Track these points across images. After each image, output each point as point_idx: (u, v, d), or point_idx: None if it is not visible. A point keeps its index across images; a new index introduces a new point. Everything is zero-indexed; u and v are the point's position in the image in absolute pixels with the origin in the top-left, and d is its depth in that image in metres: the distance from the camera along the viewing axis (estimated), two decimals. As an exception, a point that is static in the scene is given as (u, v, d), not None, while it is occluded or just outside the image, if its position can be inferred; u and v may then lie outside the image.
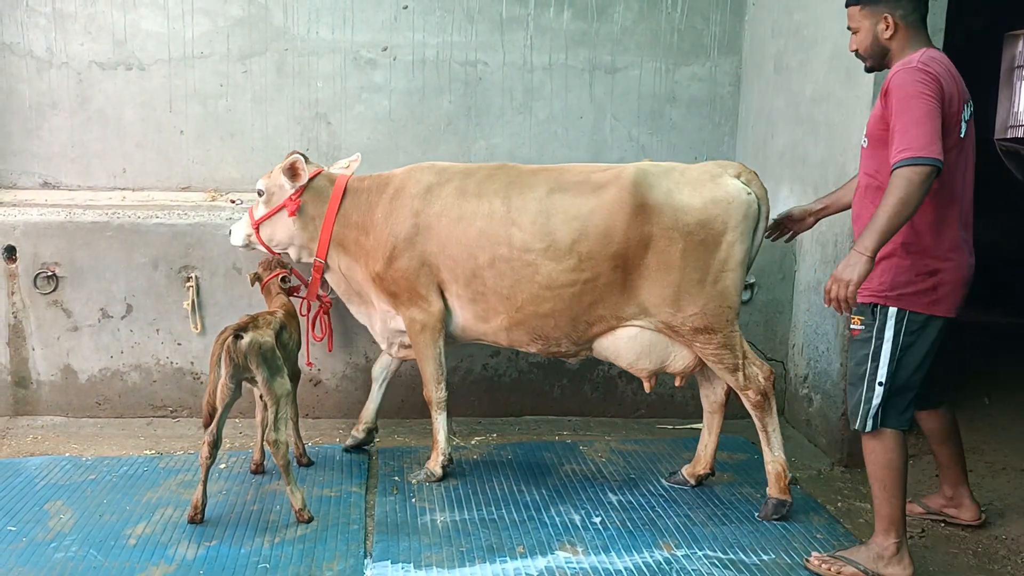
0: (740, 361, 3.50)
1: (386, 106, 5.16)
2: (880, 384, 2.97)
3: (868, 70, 3.17)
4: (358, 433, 4.10)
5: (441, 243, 3.63)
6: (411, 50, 5.12)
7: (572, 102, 5.21)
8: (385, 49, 5.12)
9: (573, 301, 3.52)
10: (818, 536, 3.36)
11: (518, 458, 4.10)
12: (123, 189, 5.03)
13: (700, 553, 3.21)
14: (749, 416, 4.67)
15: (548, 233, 3.49)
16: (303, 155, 3.83)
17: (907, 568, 3.00)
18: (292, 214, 3.80)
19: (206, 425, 3.33)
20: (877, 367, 2.97)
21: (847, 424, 4.05)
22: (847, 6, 3.09)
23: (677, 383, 3.76)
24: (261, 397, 3.53)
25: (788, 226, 3.61)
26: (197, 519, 3.34)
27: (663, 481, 3.85)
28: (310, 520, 3.38)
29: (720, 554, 3.21)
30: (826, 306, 2.88)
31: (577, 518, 3.48)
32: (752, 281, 4.59)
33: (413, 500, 3.62)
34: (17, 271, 4.35)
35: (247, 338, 3.28)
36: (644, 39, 5.19)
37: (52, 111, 5.00)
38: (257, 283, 3.91)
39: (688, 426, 4.61)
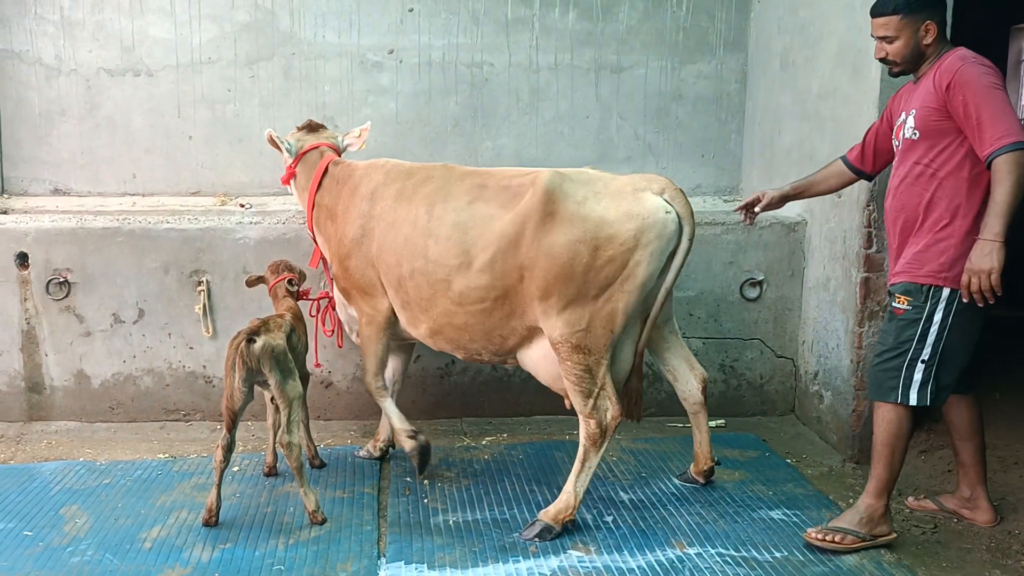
0: (596, 390, 3.31)
1: (392, 108, 5.18)
2: (923, 362, 3.11)
3: (896, 74, 3.23)
4: (374, 451, 4.07)
5: (379, 247, 3.62)
6: (417, 52, 5.13)
7: (578, 102, 5.22)
8: (391, 52, 5.13)
9: (484, 316, 3.42)
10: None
11: (529, 458, 4.11)
12: (133, 195, 5.07)
13: (713, 551, 3.22)
14: (760, 414, 4.74)
15: (463, 249, 3.39)
16: (316, 123, 4.14)
17: (891, 527, 3.26)
18: (285, 182, 4.07)
19: (228, 429, 3.34)
20: (923, 346, 3.10)
21: (858, 420, 4.08)
22: (881, 15, 3.10)
23: (568, 405, 3.54)
24: (272, 400, 3.55)
25: (754, 206, 3.75)
26: (212, 522, 3.36)
27: (674, 480, 3.86)
28: (324, 522, 3.40)
29: (733, 552, 3.22)
30: (966, 300, 2.98)
31: (589, 517, 3.49)
32: (761, 278, 4.60)
33: (425, 501, 3.63)
34: (29, 277, 4.38)
35: (260, 342, 3.29)
36: (649, 38, 5.20)
37: (61, 118, 5.03)
38: (260, 284, 3.94)
39: (698, 424, 4.60)
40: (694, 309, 4.64)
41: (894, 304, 3.16)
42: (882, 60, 3.21)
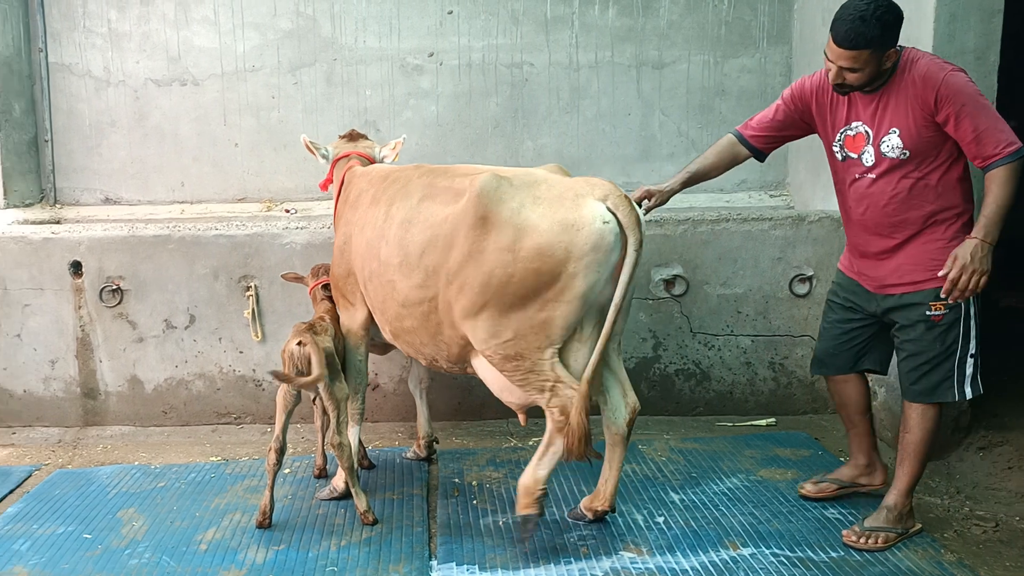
0: (551, 383, 3.11)
1: (433, 111, 5.20)
2: (971, 356, 3.13)
3: (847, 91, 3.11)
4: (420, 451, 4.07)
5: (354, 253, 3.56)
6: (457, 55, 5.15)
7: (619, 99, 5.19)
8: (431, 55, 5.15)
9: (424, 320, 3.29)
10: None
11: (577, 458, 4.08)
12: (181, 202, 5.16)
13: (767, 552, 3.17)
14: (811, 412, 4.66)
15: (403, 247, 3.28)
16: (357, 133, 4.11)
17: (915, 518, 3.31)
18: (323, 188, 4.11)
19: (280, 432, 3.39)
20: (968, 342, 3.12)
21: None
22: (853, 48, 2.94)
23: (522, 422, 3.40)
24: (316, 401, 3.57)
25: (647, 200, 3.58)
26: (265, 524, 3.40)
27: (726, 480, 3.81)
28: (375, 522, 3.42)
29: (788, 552, 3.16)
30: (951, 299, 3.02)
31: (640, 518, 3.46)
32: (810, 274, 4.53)
33: (474, 502, 3.64)
34: (83, 285, 4.47)
35: (307, 344, 3.33)
36: (691, 32, 5.15)
37: (111, 128, 5.14)
38: (297, 282, 4.01)
39: (749, 423, 4.55)
40: (742, 306, 4.58)
41: (930, 313, 3.11)
42: (839, 85, 3.07)
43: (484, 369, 3.29)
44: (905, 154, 3.03)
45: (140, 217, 4.89)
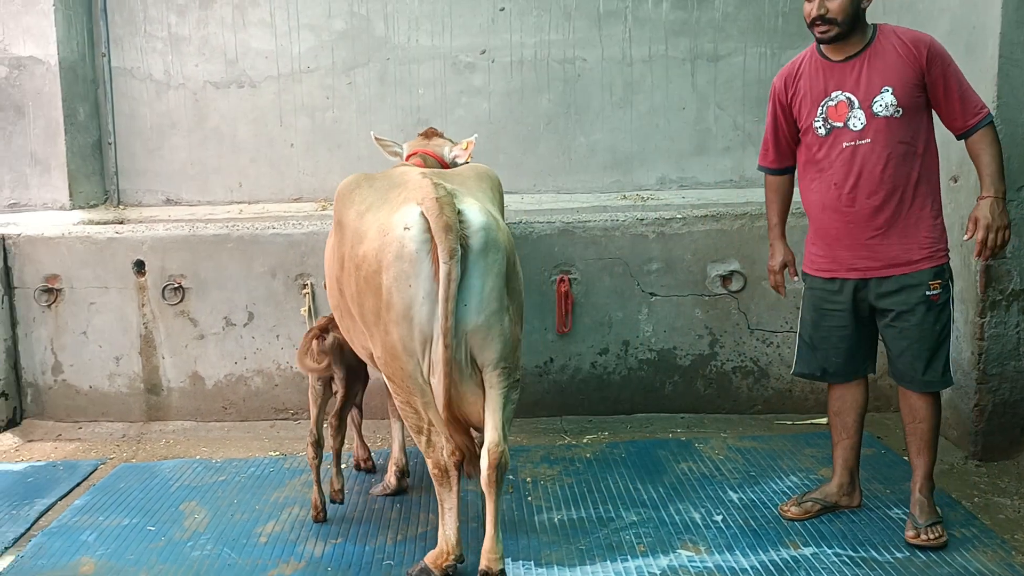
0: (424, 426, 2.86)
1: (485, 108, 5.20)
2: (955, 336, 3.24)
3: (829, 39, 3.06)
4: (390, 483, 3.73)
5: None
6: (509, 52, 5.15)
7: (674, 93, 5.13)
8: (483, 52, 5.16)
9: (353, 327, 3.12)
10: (956, 534, 3.19)
11: (631, 456, 4.05)
12: (239, 203, 5.25)
13: (829, 551, 3.10)
14: (873, 410, 4.52)
15: (331, 252, 3.22)
16: (433, 131, 4.03)
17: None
18: None
19: (315, 425, 3.46)
20: (951, 324, 3.15)
21: (981, 415, 3.88)
22: None
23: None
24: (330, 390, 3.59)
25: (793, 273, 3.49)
26: (320, 518, 3.44)
27: (785, 478, 3.74)
28: (341, 502, 3.54)
29: (851, 552, 3.09)
30: (983, 259, 3.08)
31: (697, 516, 3.42)
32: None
33: (529, 499, 3.63)
34: (146, 284, 4.58)
35: (330, 338, 3.38)
36: (747, 24, 5.07)
37: (171, 131, 5.25)
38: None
39: (808, 421, 4.46)
40: (800, 302, 4.48)
41: (929, 292, 3.07)
42: (819, 18, 3.01)
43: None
44: (899, 112, 3.01)
45: (200, 217, 4.98)
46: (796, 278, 3.46)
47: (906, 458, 3.80)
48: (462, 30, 5.14)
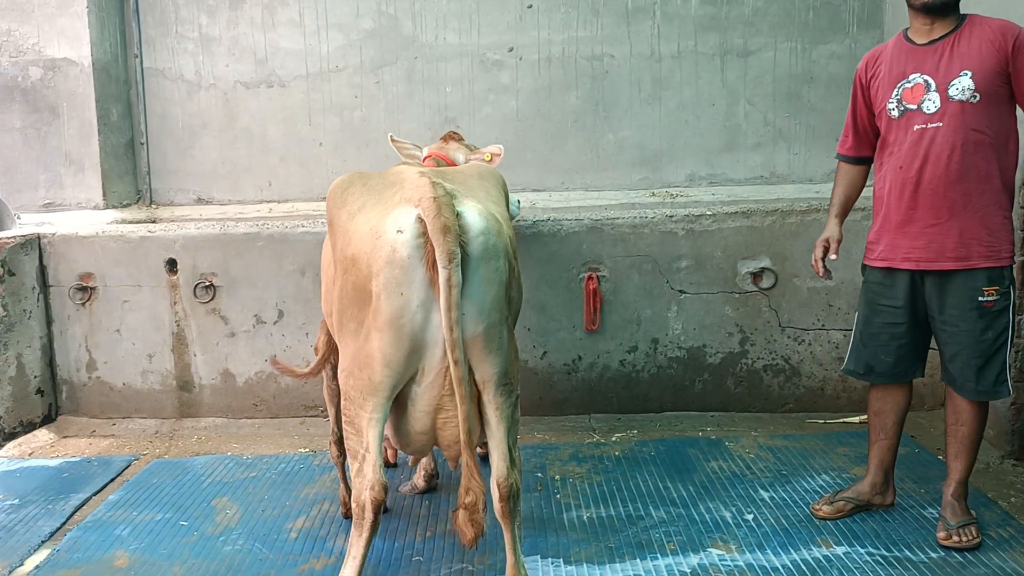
0: (362, 452, 2.65)
1: (513, 106, 5.19)
2: (1011, 346, 3.04)
3: (927, 8, 2.99)
4: (419, 483, 3.72)
5: None
6: (536, 49, 5.14)
7: (703, 89, 5.09)
8: (511, 50, 5.16)
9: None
10: (992, 534, 3.14)
11: (661, 455, 4.03)
12: (269, 202, 5.29)
13: (862, 551, 3.06)
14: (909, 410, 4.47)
15: (327, 258, 3.09)
16: (453, 134, 4.03)
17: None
18: None
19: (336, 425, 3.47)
20: (1011, 330, 3.03)
21: (1017, 414, 3.81)
22: None
23: (452, 467, 2.84)
24: None
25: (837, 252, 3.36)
26: (349, 515, 3.45)
27: (818, 477, 3.70)
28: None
29: (884, 551, 3.05)
30: None
31: (728, 515, 3.39)
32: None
33: (557, 496, 3.62)
34: (178, 282, 4.63)
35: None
36: (777, 19, 5.02)
37: (203, 131, 5.30)
38: None
39: (841, 420, 4.41)
40: (834, 300, 4.45)
41: (982, 299, 2.97)
42: None
43: None
44: (976, 97, 2.91)
45: (231, 216, 5.03)
46: (835, 257, 3.32)
47: (941, 458, 3.77)
48: (489, 27, 5.14)
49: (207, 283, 4.60)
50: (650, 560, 3.07)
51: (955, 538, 3.05)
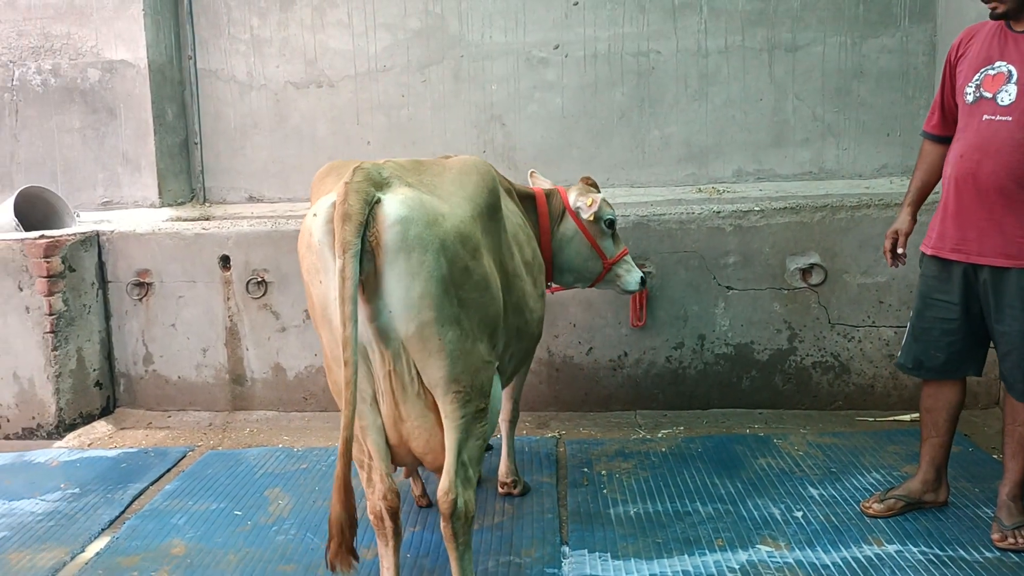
0: (364, 460, 2.61)
1: (559, 103, 5.21)
2: None
3: (996, 16, 2.92)
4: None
5: None
6: (582, 46, 5.14)
7: (750, 84, 5.05)
8: (557, 47, 5.17)
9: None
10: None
11: (708, 451, 4.02)
12: (318, 199, 5.36)
13: (915, 549, 3.02)
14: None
15: None
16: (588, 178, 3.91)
17: None
18: None
19: None
20: None
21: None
22: None
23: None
24: None
25: (896, 251, 3.29)
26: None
27: (868, 475, 3.66)
28: (429, 505, 3.50)
29: (937, 550, 3.01)
30: None
31: (777, 512, 3.37)
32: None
33: (604, 491, 3.63)
34: (231, 278, 4.73)
35: None
36: (826, 13, 4.95)
37: (254, 130, 5.41)
38: None
39: (892, 418, 4.35)
40: (884, 296, 4.38)
41: None
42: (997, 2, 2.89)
43: None
44: None
45: (281, 214, 5.12)
46: (902, 251, 3.28)
47: (996, 457, 3.70)
48: (535, 25, 5.16)
49: (259, 279, 4.70)
50: (698, 556, 3.07)
51: (1010, 539, 3.00)
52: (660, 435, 4.29)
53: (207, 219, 5.16)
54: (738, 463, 3.85)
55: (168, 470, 4.08)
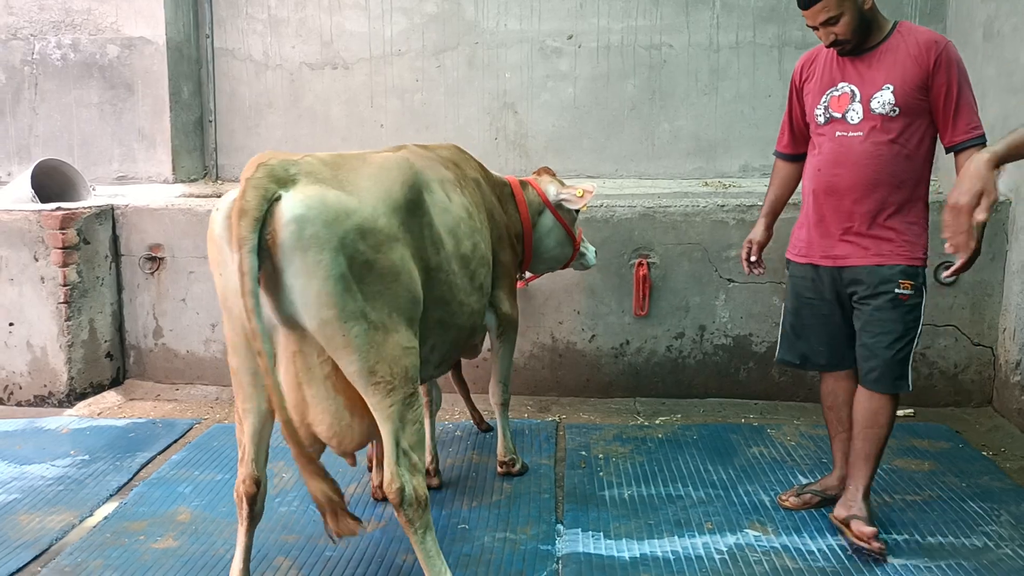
0: (242, 443, 2.70)
1: (571, 93, 5.27)
2: (915, 345, 3.05)
3: (847, 53, 3.03)
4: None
5: None
6: (595, 36, 5.20)
7: (760, 80, 5.11)
8: (570, 37, 5.22)
9: None
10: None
11: (703, 439, 4.10)
12: (330, 180, 5.43)
13: (899, 538, 3.10)
14: (953, 404, 4.50)
15: None
16: (548, 169, 3.98)
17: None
18: None
19: None
20: (918, 329, 3.05)
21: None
22: (815, 2, 2.93)
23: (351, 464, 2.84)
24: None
25: (751, 258, 3.47)
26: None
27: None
28: (439, 486, 3.58)
29: (919, 539, 3.09)
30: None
31: (766, 499, 3.45)
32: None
33: (600, 474, 3.72)
34: (242, 255, 4.81)
35: None
36: (837, 12, 4.99)
37: (268, 110, 5.48)
38: None
39: (885, 413, 4.41)
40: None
41: (899, 291, 2.99)
42: (834, 44, 2.99)
43: None
44: (895, 111, 2.94)
45: (292, 193, 5.20)
46: (755, 258, 3.47)
47: (985, 454, 3.77)
48: (550, 14, 5.21)
49: (269, 257, 4.77)
50: (688, 538, 3.15)
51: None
52: (658, 422, 4.37)
53: (219, 196, 5.22)
54: (731, 451, 3.93)
55: (175, 441, 4.18)
